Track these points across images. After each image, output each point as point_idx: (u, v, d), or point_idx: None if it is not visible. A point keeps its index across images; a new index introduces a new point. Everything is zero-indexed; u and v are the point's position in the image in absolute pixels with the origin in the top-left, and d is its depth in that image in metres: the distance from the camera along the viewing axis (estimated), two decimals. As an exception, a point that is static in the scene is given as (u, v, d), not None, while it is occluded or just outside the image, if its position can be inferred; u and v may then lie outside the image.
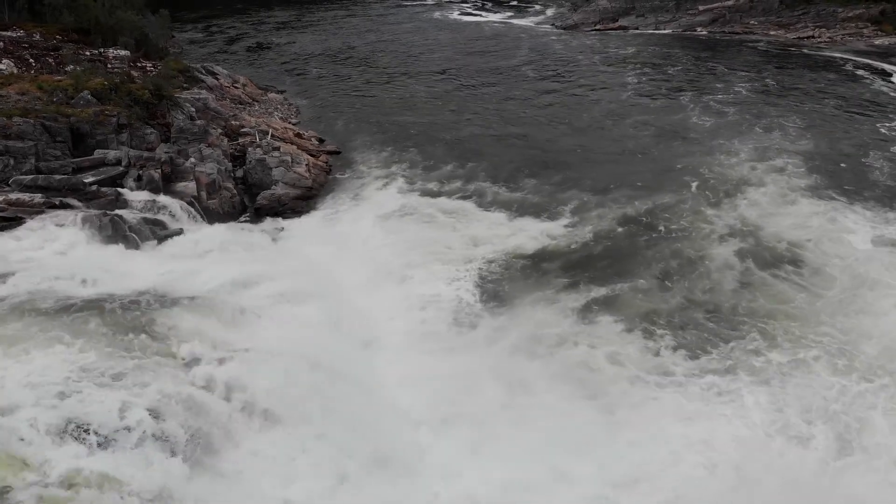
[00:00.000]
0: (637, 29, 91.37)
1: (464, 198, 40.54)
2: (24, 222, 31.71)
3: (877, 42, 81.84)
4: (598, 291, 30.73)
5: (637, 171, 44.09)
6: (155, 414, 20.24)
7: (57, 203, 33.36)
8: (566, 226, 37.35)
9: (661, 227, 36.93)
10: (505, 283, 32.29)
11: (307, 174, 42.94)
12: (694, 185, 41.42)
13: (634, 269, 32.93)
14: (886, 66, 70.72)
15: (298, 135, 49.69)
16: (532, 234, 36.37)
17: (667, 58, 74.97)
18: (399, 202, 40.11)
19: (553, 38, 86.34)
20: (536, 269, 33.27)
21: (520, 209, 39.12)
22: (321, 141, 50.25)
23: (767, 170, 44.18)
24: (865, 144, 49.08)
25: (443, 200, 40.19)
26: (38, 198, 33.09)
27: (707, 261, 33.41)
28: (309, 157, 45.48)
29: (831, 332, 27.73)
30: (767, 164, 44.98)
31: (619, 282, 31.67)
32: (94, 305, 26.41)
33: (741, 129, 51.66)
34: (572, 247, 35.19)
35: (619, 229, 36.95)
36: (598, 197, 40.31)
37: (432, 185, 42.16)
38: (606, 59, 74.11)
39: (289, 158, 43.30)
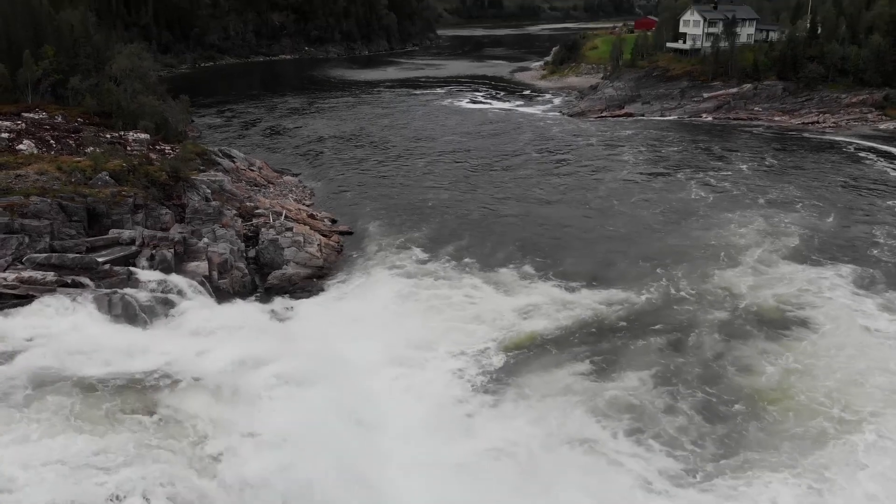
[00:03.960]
0: (643, 116, 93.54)
1: (471, 278, 40.64)
2: (36, 300, 31.79)
3: (881, 126, 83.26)
4: (613, 383, 30.18)
5: (646, 249, 44.56)
6: (150, 498, 19.79)
7: (69, 281, 33.50)
8: (576, 306, 37.17)
9: (677, 305, 37.03)
10: (514, 366, 31.87)
11: (318, 254, 43.18)
12: (698, 260, 41.91)
13: (652, 357, 32.78)
14: (892, 150, 71.71)
15: (311, 216, 50.31)
16: (541, 315, 36.16)
17: (671, 141, 76.49)
18: (408, 282, 40.16)
19: (560, 124, 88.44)
20: (546, 353, 32.85)
21: (528, 289, 39.09)
22: (334, 221, 50.82)
23: (770, 243, 45.01)
24: (874, 221, 49.86)
25: (451, 281, 40.26)
26: (50, 276, 33.26)
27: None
28: (321, 237, 45.86)
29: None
30: (771, 238, 45.86)
31: (635, 373, 31.22)
32: (100, 385, 26.09)
33: (745, 205, 52.91)
34: (584, 330, 34.94)
35: (635, 307, 36.92)
36: (603, 277, 40.56)
37: (441, 266, 42.32)
38: (612, 143, 75.59)
39: (301, 239, 43.66)
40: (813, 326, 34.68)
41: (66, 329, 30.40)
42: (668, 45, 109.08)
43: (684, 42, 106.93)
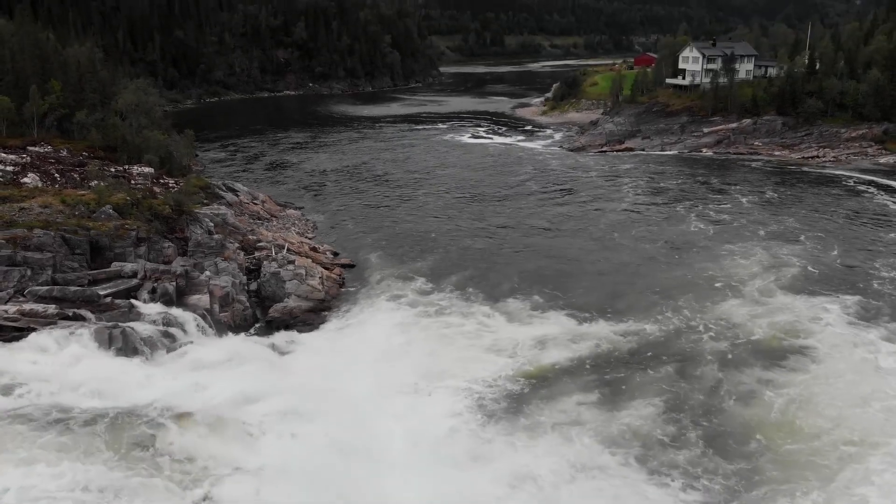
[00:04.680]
0: (643, 150, 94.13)
1: (473, 311, 40.52)
2: (36, 333, 31.68)
3: (882, 160, 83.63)
4: (619, 415, 30.00)
5: (651, 281, 44.63)
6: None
7: (70, 314, 33.46)
8: (586, 337, 37.09)
9: (684, 337, 36.93)
10: (517, 399, 31.58)
11: (320, 287, 43.11)
12: (702, 292, 41.79)
13: (656, 388, 32.58)
14: (893, 183, 71.93)
15: (314, 248, 50.37)
16: (544, 349, 35.94)
17: (671, 175, 76.88)
18: (411, 314, 40.04)
19: (561, 158, 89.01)
20: (549, 386, 32.61)
21: (529, 322, 38.94)
22: (336, 254, 50.87)
23: (772, 275, 45.04)
24: (875, 254, 49.83)
25: (453, 315, 40.12)
26: (51, 309, 33.22)
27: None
28: (323, 269, 45.85)
29: None
30: (773, 270, 45.89)
31: (646, 403, 31.12)
32: (99, 419, 25.89)
33: (745, 237, 53.10)
34: (595, 360, 34.84)
35: (644, 338, 36.80)
36: (611, 309, 40.47)
37: (442, 299, 42.23)
38: (612, 176, 75.99)
39: (303, 272, 43.64)
40: (816, 357, 34.67)
41: (66, 362, 30.29)
42: (668, 80, 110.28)
43: (683, 78, 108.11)
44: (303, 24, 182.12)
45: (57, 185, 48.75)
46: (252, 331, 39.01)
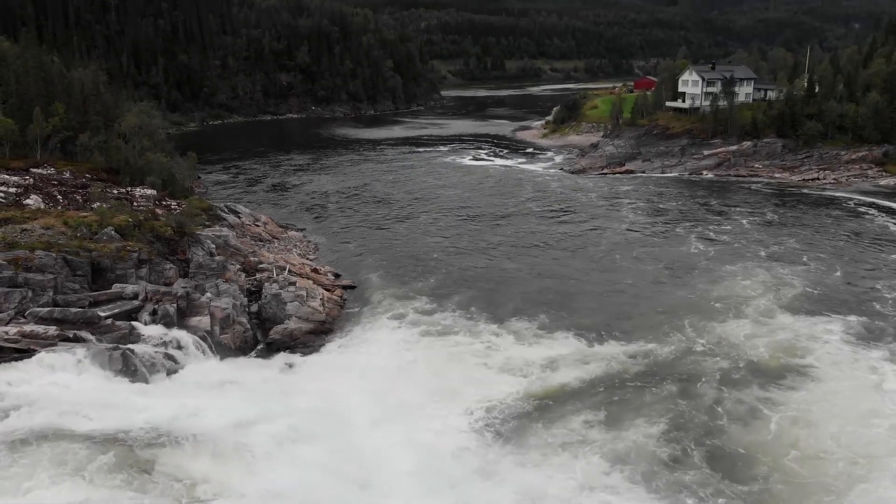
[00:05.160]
0: (644, 173, 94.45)
1: (479, 331, 40.44)
2: (36, 354, 31.56)
3: (882, 182, 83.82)
4: (615, 443, 29.65)
5: (654, 302, 44.58)
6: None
7: (70, 336, 33.36)
8: (587, 360, 36.99)
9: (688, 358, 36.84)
10: (526, 418, 31.45)
11: (321, 308, 43.02)
12: (705, 313, 41.64)
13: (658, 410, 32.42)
14: (893, 205, 72.01)
15: (315, 270, 50.34)
16: (553, 369, 35.85)
17: (672, 197, 77.08)
18: (410, 338, 39.87)
19: (561, 180, 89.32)
20: (549, 411, 32.41)
21: (529, 347, 38.77)
22: (337, 275, 50.82)
23: (774, 296, 44.99)
24: (876, 275, 49.83)
25: (453, 337, 39.96)
26: (52, 330, 33.14)
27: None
28: (324, 291, 45.79)
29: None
30: (774, 291, 45.89)
31: (652, 422, 31.10)
32: (99, 441, 25.74)
33: (747, 258, 53.24)
34: (595, 383, 34.68)
35: (649, 359, 36.70)
36: (616, 330, 40.46)
37: (443, 321, 42.12)
38: (613, 198, 76.18)
39: (304, 293, 43.58)
40: (819, 376, 34.72)
41: (66, 384, 30.12)
42: (668, 104, 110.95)
43: (683, 101, 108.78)
44: (306, 48, 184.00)
45: (59, 207, 48.88)
46: (253, 353, 38.88)
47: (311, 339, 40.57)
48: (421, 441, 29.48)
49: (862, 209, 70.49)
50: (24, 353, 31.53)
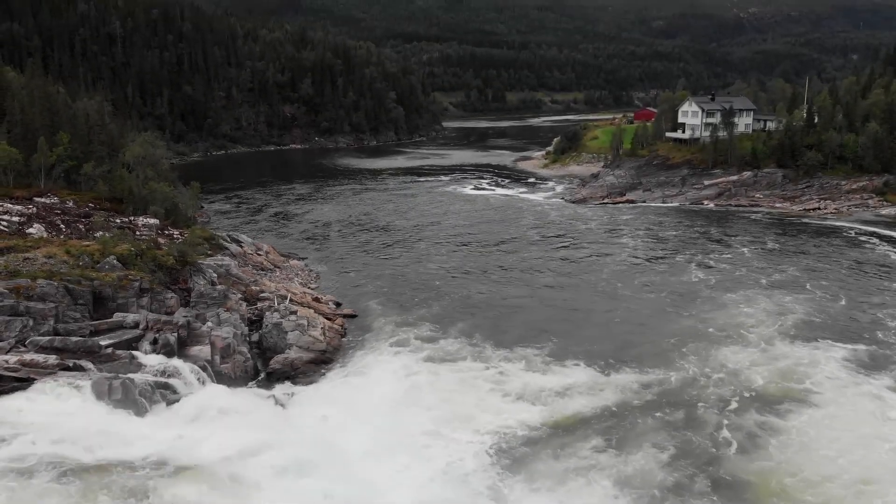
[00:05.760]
0: (644, 202, 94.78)
1: (474, 364, 40.13)
2: (36, 383, 31.42)
3: (883, 212, 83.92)
4: (624, 467, 29.61)
5: (659, 331, 44.44)
6: None
7: (70, 365, 33.22)
8: (596, 388, 36.90)
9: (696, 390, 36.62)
10: (520, 456, 31.08)
11: (322, 338, 42.86)
12: (710, 342, 41.54)
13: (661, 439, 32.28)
14: (894, 234, 72.09)
15: (316, 299, 50.26)
16: (553, 401, 35.57)
17: (673, 226, 77.27)
18: (411, 368, 39.59)
19: (563, 210, 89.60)
20: (559, 437, 32.23)
21: (531, 378, 38.43)
22: (338, 304, 50.71)
23: (776, 324, 44.94)
24: (879, 303, 49.79)
25: (454, 367, 39.70)
26: (52, 359, 33.01)
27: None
28: (325, 320, 45.66)
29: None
30: (776, 319, 45.87)
31: (659, 450, 31.08)
32: (97, 471, 25.51)
33: (748, 286, 53.28)
34: (604, 410, 34.57)
35: (657, 387, 36.59)
36: (622, 359, 40.43)
37: (444, 351, 41.91)
38: (614, 228, 76.34)
39: (305, 322, 43.46)
40: (821, 404, 34.77)
41: (65, 413, 29.96)
42: (668, 134, 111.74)
43: (683, 132, 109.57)
44: (309, 80, 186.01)
45: (62, 236, 49.01)
46: (253, 382, 38.66)
47: (311, 368, 40.36)
48: (426, 470, 29.20)
49: (863, 238, 70.54)
50: (24, 382, 31.38)
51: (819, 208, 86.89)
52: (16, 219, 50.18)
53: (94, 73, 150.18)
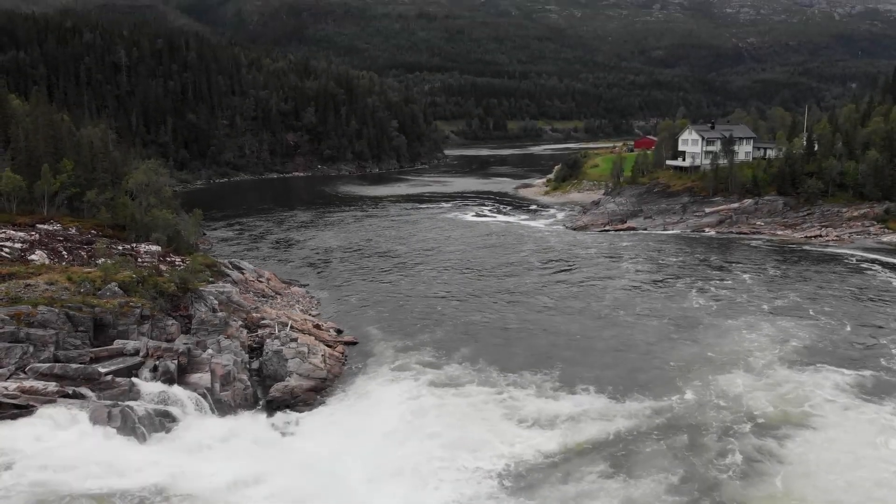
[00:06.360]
0: (646, 230, 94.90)
1: (475, 392, 39.82)
2: (36, 411, 31.20)
3: (885, 239, 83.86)
4: (630, 495, 29.37)
5: (664, 358, 44.39)
6: None
7: (70, 392, 33.00)
8: (597, 419, 36.55)
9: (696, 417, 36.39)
10: (532, 482, 30.80)
11: (322, 365, 42.65)
12: (714, 369, 41.36)
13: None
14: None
15: (317, 326, 50.13)
16: (560, 429, 35.36)
17: (674, 253, 77.26)
18: (412, 397, 39.23)
19: (564, 236, 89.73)
20: (561, 467, 31.93)
21: (532, 408, 38.07)
22: (339, 332, 50.56)
23: (779, 351, 44.66)
24: (882, 329, 49.54)
25: (455, 397, 39.33)
26: (52, 386, 32.82)
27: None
28: (326, 347, 45.48)
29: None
30: (779, 346, 45.69)
31: (669, 476, 30.93)
32: (95, 499, 25.27)
33: (750, 313, 53.25)
34: (602, 443, 34.20)
35: (664, 414, 36.48)
36: (627, 387, 40.24)
37: (445, 379, 41.64)
38: (615, 255, 76.32)
39: (305, 349, 43.28)
40: (826, 430, 34.68)
41: (64, 441, 29.70)
42: (668, 162, 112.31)
43: (684, 159, 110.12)
44: (312, 109, 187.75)
45: (64, 263, 49.08)
46: (253, 410, 38.31)
47: (311, 396, 40.08)
48: (432, 499, 28.91)
49: (864, 265, 70.44)
50: (23, 410, 31.17)
51: (820, 235, 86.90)
52: (18, 245, 50.31)
53: (98, 101, 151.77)
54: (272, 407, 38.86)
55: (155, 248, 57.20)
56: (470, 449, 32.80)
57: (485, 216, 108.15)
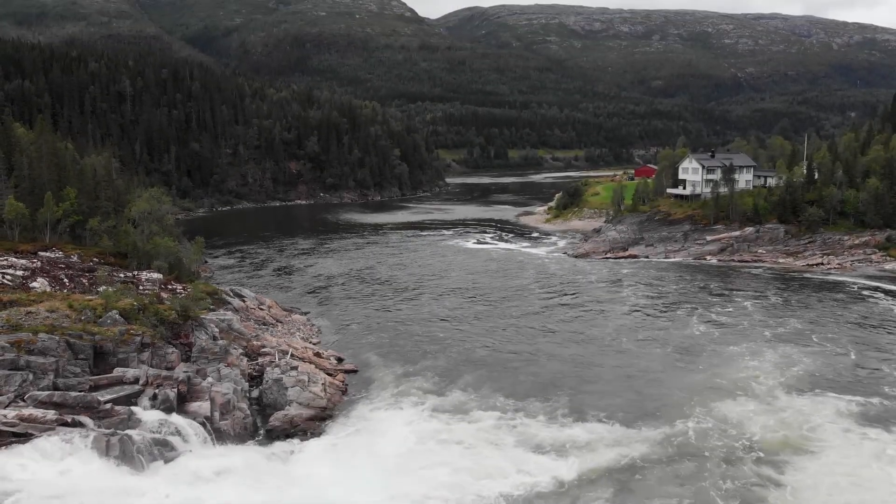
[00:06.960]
0: (647, 257, 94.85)
1: (475, 423, 39.42)
2: (34, 439, 30.98)
3: (887, 267, 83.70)
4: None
5: (669, 385, 44.24)
6: None
7: (69, 420, 32.79)
8: (611, 446, 36.45)
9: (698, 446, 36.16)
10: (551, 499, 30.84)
11: (322, 394, 42.34)
12: (719, 396, 41.10)
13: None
14: (896, 289, 72.04)
15: (318, 354, 49.91)
16: (546, 469, 34.53)
17: (675, 281, 77.16)
18: (413, 427, 38.88)
19: (565, 264, 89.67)
20: (572, 493, 31.88)
21: (546, 435, 37.84)
22: (340, 360, 50.30)
23: (782, 378, 44.52)
24: (885, 357, 49.36)
25: (455, 426, 38.96)
26: (51, 414, 32.61)
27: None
28: (326, 376, 45.20)
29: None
30: (781, 373, 45.55)
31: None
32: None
33: (751, 340, 53.18)
34: (615, 470, 34.05)
35: (672, 441, 36.45)
36: (638, 415, 40.18)
37: (447, 408, 41.32)
38: (616, 282, 76.22)
39: (305, 378, 43.02)
40: (831, 457, 34.71)
41: (62, 470, 29.49)
42: (669, 190, 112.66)
43: (684, 188, 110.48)
44: (315, 137, 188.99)
45: (65, 290, 49.06)
46: (252, 440, 38.01)
47: (311, 425, 39.74)
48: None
49: (866, 293, 70.30)
50: (22, 438, 30.96)
51: (822, 263, 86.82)
52: (20, 273, 50.34)
53: (102, 129, 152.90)
54: (272, 436, 38.53)
55: (156, 275, 57.18)
56: (456, 491, 32.07)
57: (486, 243, 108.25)
